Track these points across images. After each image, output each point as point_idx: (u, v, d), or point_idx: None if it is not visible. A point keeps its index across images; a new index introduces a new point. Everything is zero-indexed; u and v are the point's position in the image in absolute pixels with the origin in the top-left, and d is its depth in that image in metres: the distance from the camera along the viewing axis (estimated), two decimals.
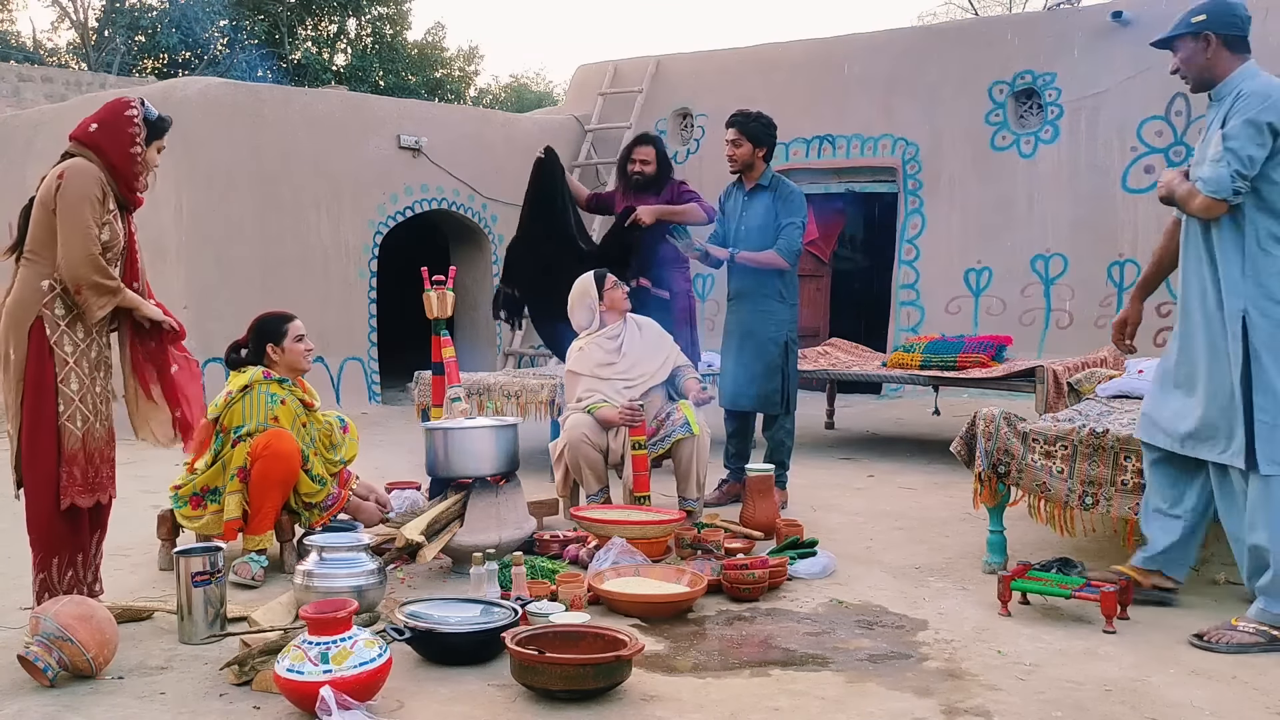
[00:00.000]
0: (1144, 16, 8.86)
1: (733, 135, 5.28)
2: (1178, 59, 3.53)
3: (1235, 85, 3.39)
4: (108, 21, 22.21)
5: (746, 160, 5.29)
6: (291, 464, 4.12)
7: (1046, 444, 4.01)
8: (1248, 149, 3.26)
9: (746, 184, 5.36)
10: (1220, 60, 3.44)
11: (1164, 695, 2.94)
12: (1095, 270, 9.09)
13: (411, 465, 6.02)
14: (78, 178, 3.32)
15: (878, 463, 6.73)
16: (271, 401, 4.18)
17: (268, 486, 4.08)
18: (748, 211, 5.31)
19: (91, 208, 3.30)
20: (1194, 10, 3.48)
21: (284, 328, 4.31)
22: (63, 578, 3.39)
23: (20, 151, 9.62)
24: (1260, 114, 3.26)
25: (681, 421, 4.79)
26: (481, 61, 42.19)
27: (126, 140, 3.40)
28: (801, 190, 5.37)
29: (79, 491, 3.34)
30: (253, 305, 7.96)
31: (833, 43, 10.56)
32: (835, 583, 4.04)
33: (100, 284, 3.31)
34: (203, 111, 8.43)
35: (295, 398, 4.28)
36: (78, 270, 3.28)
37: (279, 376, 4.27)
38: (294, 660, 2.77)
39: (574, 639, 3.06)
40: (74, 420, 3.33)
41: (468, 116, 11.16)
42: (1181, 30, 3.48)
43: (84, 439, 3.35)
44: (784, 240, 5.19)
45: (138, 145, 3.42)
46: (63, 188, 3.31)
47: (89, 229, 3.29)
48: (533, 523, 4.45)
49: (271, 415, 4.16)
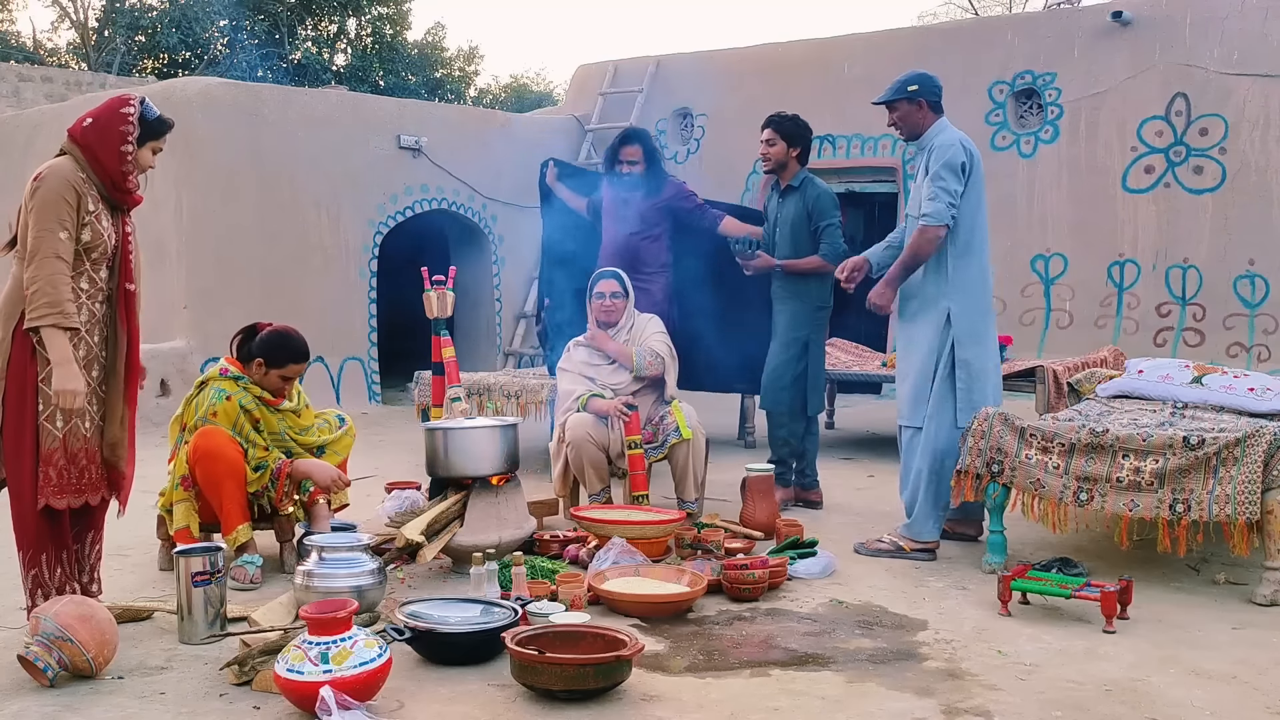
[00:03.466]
0: (1144, 16, 8.87)
1: (767, 135, 5.26)
2: (895, 115, 4.54)
3: (932, 137, 4.46)
4: (108, 21, 22.20)
5: (780, 160, 5.25)
6: (229, 456, 4.05)
7: (1044, 439, 4.01)
8: (952, 184, 4.31)
9: (781, 184, 5.34)
10: (926, 118, 4.49)
11: (1164, 695, 2.94)
12: (1095, 270, 9.10)
13: (411, 465, 6.02)
14: (51, 178, 3.26)
15: (878, 463, 6.72)
16: (217, 397, 4.15)
17: (217, 483, 4.04)
18: (781, 213, 5.30)
19: (59, 211, 3.22)
20: (907, 81, 4.50)
21: (284, 363, 4.22)
22: (53, 574, 3.36)
23: (20, 151, 9.62)
24: (953, 158, 4.32)
25: (674, 426, 4.81)
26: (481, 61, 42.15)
27: (117, 138, 3.34)
28: (830, 189, 5.31)
29: (54, 493, 3.28)
30: (253, 305, 7.99)
31: (833, 43, 10.56)
32: (835, 583, 4.04)
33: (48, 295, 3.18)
34: (203, 111, 8.43)
35: (250, 395, 4.21)
36: (33, 271, 3.20)
37: (235, 374, 4.25)
38: (294, 660, 2.77)
39: (574, 639, 3.06)
40: (54, 420, 3.28)
41: (468, 116, 11.15)
42: (900, 95, 4.49)
43: (65, 440, 3.30)
44: (826, 245, 5.17)
45: (128, 144, 3.35)
46: (37, 189, 3.25)
47: (52, 233, 3.20)
48: (533, 523, 4.45)
49: (211, 410, 4.13)
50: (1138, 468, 3.83)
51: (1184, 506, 3.74)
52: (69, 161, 3.33)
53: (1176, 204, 8.76)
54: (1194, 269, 8.70)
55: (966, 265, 4.39)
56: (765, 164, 5.33)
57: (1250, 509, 3.65)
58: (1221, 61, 8.56)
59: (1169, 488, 3.78)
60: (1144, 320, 8.89)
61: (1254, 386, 4.61)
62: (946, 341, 4.38)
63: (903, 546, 4.40)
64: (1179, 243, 8.76)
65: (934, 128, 4.48)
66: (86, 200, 3.30)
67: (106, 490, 3.48)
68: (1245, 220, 8.48)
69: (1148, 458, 3.83)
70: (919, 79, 4.50)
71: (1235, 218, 8.52)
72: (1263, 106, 8.40)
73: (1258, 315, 8.45)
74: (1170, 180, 8.78)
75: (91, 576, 3.56)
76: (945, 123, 4.50)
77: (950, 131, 4.44)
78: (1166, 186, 8.80)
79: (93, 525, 3.54)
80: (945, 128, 4.47)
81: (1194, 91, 8.65)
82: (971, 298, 4.40)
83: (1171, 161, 8.76)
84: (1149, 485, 3.80)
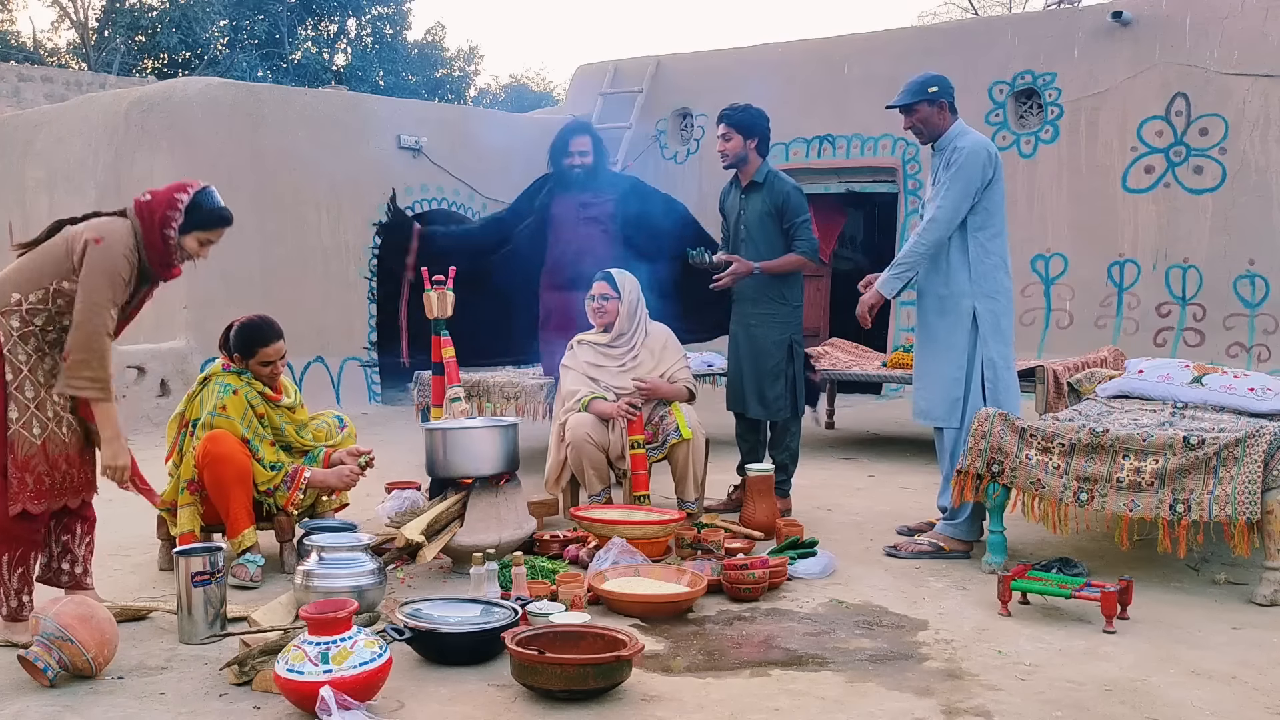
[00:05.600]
0: (1144, 16, 8.87)
1: (722, 130, 5.05)
2: (915, 119, 4.49)
3: (953, 138, 4.45)
4: (108, 21, 22.21)
5: (739, 153, 5.03)
6: (238, 460, 4.06)
7: (1044, 440, 4.01)
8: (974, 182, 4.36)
9: (742, 181, 5.12)
10: (946, 120, 4.48)
11: (1164, 695, 2.94)
12: (1095, 270, 9.10)
13: (411, 465, 6.02)
14: (114, 249, 3.32)
15: (878, 463, 6.73)
16: (224, 391, 4.15)
17: (225, 488, 4.05)
18: (746, 210, 5.09)
19: (115, 287, 3.32)
20: (926, 82, 4.46)
21: (254, 349, 4.22)
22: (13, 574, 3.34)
23: (20, 151, 9.62)
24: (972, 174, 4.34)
25: (674, 426, 4.79)
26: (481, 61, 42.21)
27: (161, 221, 3.42)
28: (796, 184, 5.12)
29: (30, 497, 3.29)
30: (252, 305, 7.94)
31: (833, 43, 10.56)
32: (835, 583, 4.04)
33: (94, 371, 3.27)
34: (203, 111, 8.44)
35: (254, 390, 4.23)
36: (82, 341, 3.26)
37: (238, 368, 4.25)
38: (294, 660, 2.77)
39: (574, 639, 3.06)
40: (30, 427, 3.29)
41: (468, 116, 11.15)
42: (922, 98, 4.44)
43: (44, 445, 3.31)
44: (803, 242, 5.00)
45: (171, 230, 3.42)
46: (100, 255, 3.30)
47: (104, 309, 3.29)
48: (533, 523, 4.45)
49: (220, 404, 4.13)
50: (1138, 468, 3.82)
51: (1184, 507, 3.74)
52: (127, 230, 3.39)
53: (1176, 204, 8.76)
54: (1194, 269, 8.70)
55: (991, 265, 4.41)
56: (724, 160, 5.10)
57: (1250, 509, 3.65)
58: (1221, 61, 8.56)
59: (1169, 488, 3.78)
60: (1144, 320, 8.89)
61: (1254, 386, 4.61)
62: (975, 341, 4.41)
63: (943, 547, 4.39)
64: (1179, 243, 8.76)
65: (954, 129, 4.48)
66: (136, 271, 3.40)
67: (88, 491, 3.51)
68: (1245, 220, 8.48)
69: (1148, 458, 3.83)
70: (937, 80, 4.47)
71: (1235, 218, 8.52)
72: (1263, 106, 8.40)
73: (1258, 315, 8.45)
74: (1170, 180, 8.78)
75: (85, 568, 3.57)
76: (964, 124, 4.52)
77: (972, 135, 4.45)
78: (1166, 186, 8.80)
79: (80, 517, 3.54)
80: (965, 130, 4.48)
81: (1194, 91, 8.66)
82: (996, 297, 4.43)
83: (1171, 161, 8.76)
84: (1149, 485, 3.80)
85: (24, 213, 9.56)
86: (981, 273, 4.40)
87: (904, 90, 4.52)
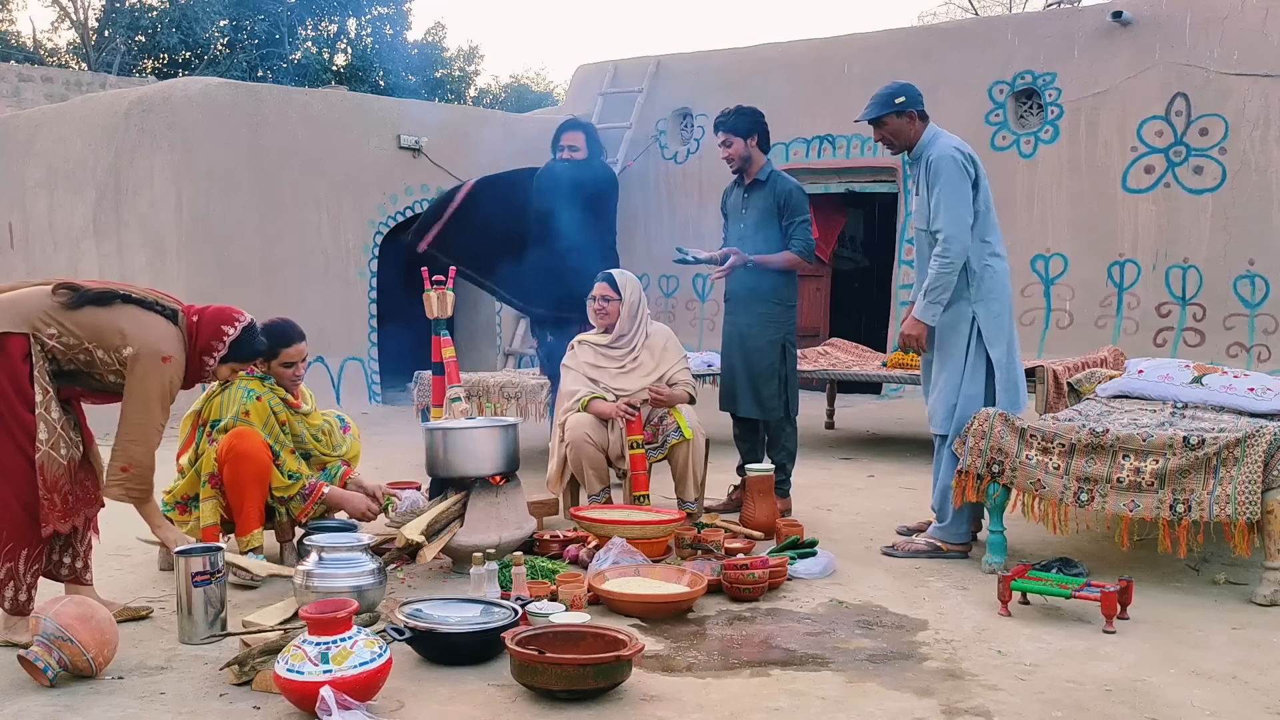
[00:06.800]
0: (1144, 16, 8.87)
1: (720, 137, 5.09)
2: (885, 131, 4.45)
3: (926, 147, 4.41)
4: (108, 21, 22.20)
5: (742, 155, 5.06)
6: (260, 459, 4.07)
7: (1044, 440, 4.01)
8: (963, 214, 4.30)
9: (746, 179, 5.14)
10: (917, 129, 4.44)
11: (1164, 695, 2.94)
12: (1095, 270, 9.10)
13: (411, 465, 6.02)
14: (176, 364, 3.47)
15: (878, 463, 6.73)
16: (247, 396, 4.16)
17: (242, 486, 4.06)
18: (747, 208, 5.12)
19: (167, 400, 3.46)
20: (891, 94, 4.41)
21: (277, 350, 4.22)
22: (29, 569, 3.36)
23: (20, 151, 9.62)
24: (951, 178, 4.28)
25: (674, 426, 4.79)
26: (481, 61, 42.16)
27: (204, 349, 3.57)
28: (799, 184, 5.15)
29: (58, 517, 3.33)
30: (253, 305, 7.93)
31: (833, 43, 10.56)
32: (835, 583, 4.04)
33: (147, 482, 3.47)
34: (203, 111, 8.44)
35: (276, 395, 4.25)
36: (139, 452, 3.43)
37: (261, 374, 4.26)
38: (294, 660, 2.77)
39: (574, 639, 3.06)
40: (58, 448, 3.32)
41: (468, 116, 11.16)
42: (889, 110, 4.40)
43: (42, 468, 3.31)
44: (799, 242, 5.01)
45: (210, 359, 3.59)
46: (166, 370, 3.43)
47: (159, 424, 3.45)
48: (533, 523, 4.45)
49: (244, 410, 4.14)
50: (1138, 468, 3.82)
51: (1184, 507, 3.74)
52: (181, 349, 3.51)
53: (1176, 204, 8.76)
54: (1194, 269, 8.70)
55: (987, 268, 4.38)
56: (730, 165, 5.14)
57: (1250, 509, 3.65)
58: (1221, 61, 8.56)
59: (1169, 488, 3.78)
60: (1144, 320, 8.89)
61: (1254, 386, 4.61)
62: (976, 345, 4.37)
63: (941, 546, 4.41)
64: (1179, 243, 8.76)
65: (925, 137, 4.43)
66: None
67: (98, 504, 3.59)
68: (1245, 220, 8.49)
69: (1148, 458, 3.82)
70: (903, 90, 4.42)
71: (1235, 218, 8.52)
72: (1263, 106, 8.40)
73: (1258, 315, 8.45)
74: (1170, 180, 8.78)
75: (85, 563, 3.58)
76: (936, 130, 4.46)
77: (943, 141, 4.38)
78: (1166, 186, 8.80)
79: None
80: (937, 136, 4.42)
81: (1194, 91, 8.66)
82: (994, 299, 4.39)
83: (1171, 161, 8.76)
84: (1149, 485, 3.80)
85: (24, 213, 9.57)
86: (978, 276, 4.37)
87: (870, 103, 4.46)
